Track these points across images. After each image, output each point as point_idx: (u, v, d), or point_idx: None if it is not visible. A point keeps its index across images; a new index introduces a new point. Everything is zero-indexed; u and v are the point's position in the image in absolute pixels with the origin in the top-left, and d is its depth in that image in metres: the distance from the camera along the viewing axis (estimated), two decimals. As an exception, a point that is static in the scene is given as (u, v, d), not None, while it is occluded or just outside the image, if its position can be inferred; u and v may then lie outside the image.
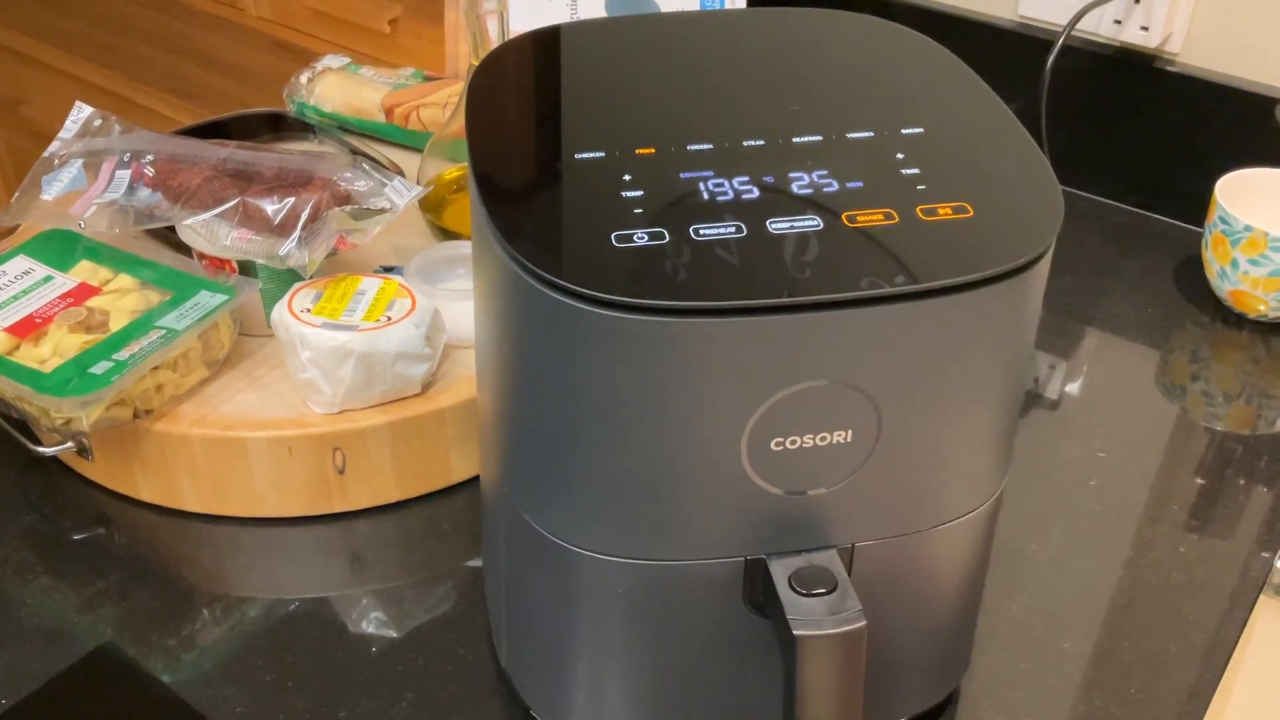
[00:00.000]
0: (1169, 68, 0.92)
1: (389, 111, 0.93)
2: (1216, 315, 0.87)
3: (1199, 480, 0.73)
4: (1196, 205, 0.93)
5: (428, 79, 0.96)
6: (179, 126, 0.85)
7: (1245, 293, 0.83)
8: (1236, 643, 0.63)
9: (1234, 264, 0.83)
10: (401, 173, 0.82)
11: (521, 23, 0.93)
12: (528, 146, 0.51)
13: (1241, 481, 0.73)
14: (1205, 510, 0.71)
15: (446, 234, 0.81)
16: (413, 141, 0.93)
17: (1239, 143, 0.91)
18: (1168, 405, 0.79)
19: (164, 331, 0.66)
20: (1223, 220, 0.83)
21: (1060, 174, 1.00)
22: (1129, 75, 0.94)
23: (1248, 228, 0.81)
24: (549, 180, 0.48)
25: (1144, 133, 0.95)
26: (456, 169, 0.81)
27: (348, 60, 0.98)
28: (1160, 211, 0.97)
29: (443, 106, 0.91)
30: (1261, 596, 0.67)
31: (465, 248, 0.77)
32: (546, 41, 0.56)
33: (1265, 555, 0.68)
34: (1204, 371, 0.82)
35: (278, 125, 0.91)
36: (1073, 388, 0.80)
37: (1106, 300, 0.88)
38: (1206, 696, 0.60)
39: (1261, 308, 0.84)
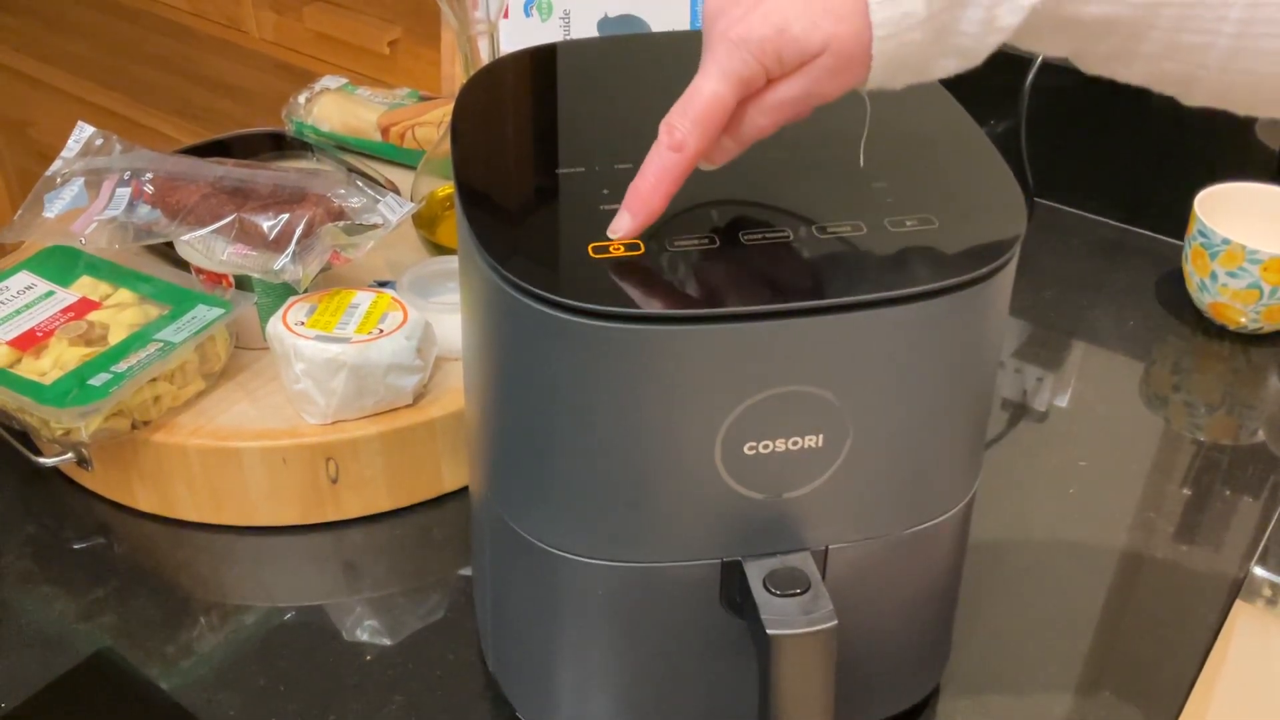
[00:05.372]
0: (1150, 85, 0.94)
1: (385, 131, 0.95)
2: (1197, 327, 0.88)
3: (1179, 489, 0.74)
4: (1177, 219, 0.94)
5: (423, 99, 0.97)
6: (182, 146, 0.87)
7: (1225, 305, 0.85)
8: (1211, 647, 0.64)
9: (1213, 277, 0.84)
10: (397, 190, 0.83)
11: (513, 43, 0.95)
12: (511, 161, 0.52)
13: (1222, 490, 0.74)
14: (1184, 518, 0.72)
15: (439, 249, 0.83)
16: (408, 160, 0.95)
17: (1218, 157, 0.92)
18: (1150, 416, 0.80)
19: (162, 344, 0.67)
20: (1202, 234, 0.84)
21: (1044, 190, 1.01)
22: (1109, 91, 0.95)
23: (1226, 241, 0.83)
24: (530, 194, 0.50)
25: (1125, 148, 0.96)
26: (449, 186, 0.83)
27: (345, 81, 1.00)
28: (1141, 225, 0.98)
29: (437, 126, 0.93)
30: (1241, 603, 0.68)
31: (456, 263, 0.78)
32: (534, 60, 0.58)
33: (1243, 562, 0.69)
34: (1185, 382, 0.83)
35: (278, 144, 0.92)
36: (1055, 399, 0.81)
37: (1089, 313, 0.90)
38: (1181, 698, 0.61)
39: (1241, 319, 0.85)
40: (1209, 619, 0.65)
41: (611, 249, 0.45)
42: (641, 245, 0.45)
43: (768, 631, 0.46)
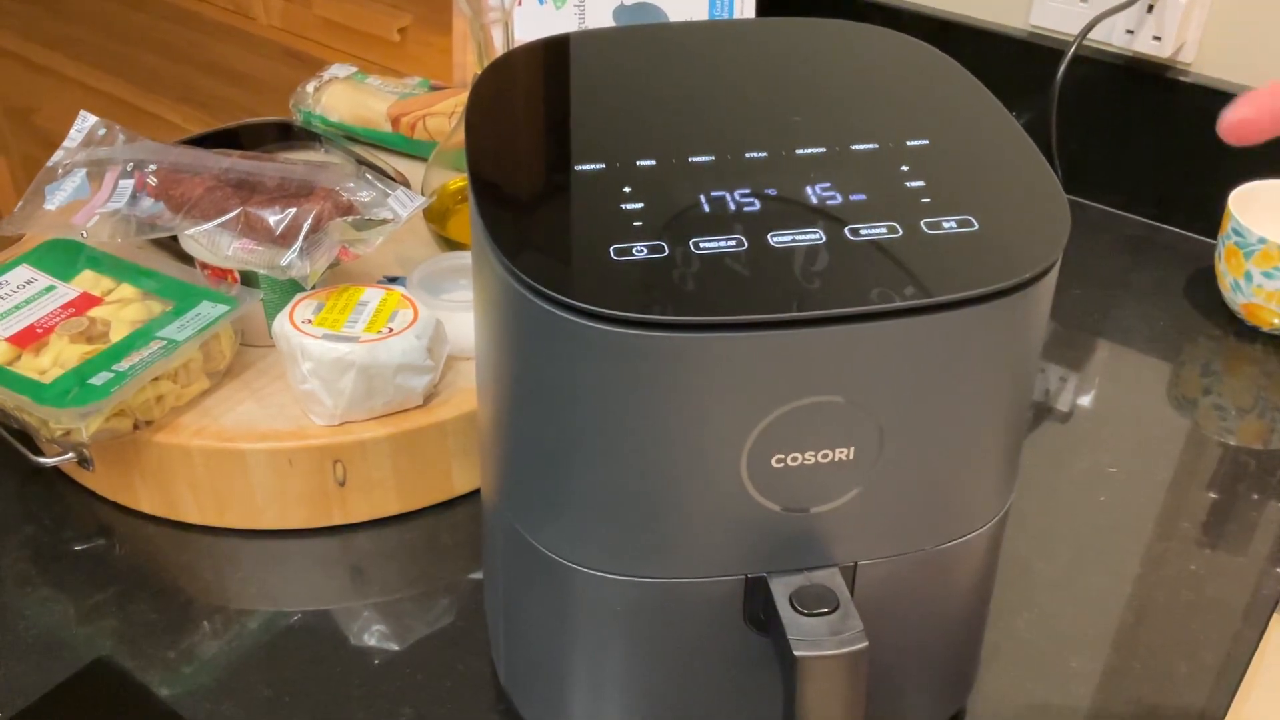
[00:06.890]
0: (1182, 78, 0.91)
1: (395, 121, 0.92)
2: (1229, 328, 0.86)
3: (1210, 495, 0.72)
4: (1209, 217, 0.92)
5: (434, 88, 0.95)
6: (188, 135, 0.85)
7: (1259, 306, 0.82)
8: (1249, 663, 0.62)
9: (1247, 277, 0.82)
10: (407, 183, 0.82)
11: (527, 32, 0.92)
12: (527, 157, 0.50)
13: (1254, 497, 0.72)
14: (1217, 526, 0.70)
15: (451, 244, 0.81)
16: (419, 151, 0.93)
17: (1253, 154, 0.89)
18: (1179, 419, 0.78)
19: (165, 342, 0.65)
20: (1236, 232, 0.82)
21: (1071, 184, 0.99)
22: (1141, 85, 0.93)
23: (1262, 240, 0.80)
24: (547, 191, 0.48)
25: (1156, 143, 0.94)
26: (461, 179, 0.81)
27: (354, 69, 0.98)
28: (1172, 223, 0.96)
29: (448, 116, 0.91)
30: (1275, 615, 0.66)
31: (469, 258, 0.76)
32: (550, 51, 0.56)
33: (1278, 572, 0.67)
34: (1216, 385, 0.81)
35: (286, 134, 0.90)
36: (1082, 401, 0.79)
37: (1117, 312, 0.87)
38: (1218, 718, 0.59)
39: (1275, 321, 0.83)
40: (1246, 633, 0.63)
41: (634, 250, 0.43)
42: (665, 247, 0.43)
43: (795, 653, 0.44)
